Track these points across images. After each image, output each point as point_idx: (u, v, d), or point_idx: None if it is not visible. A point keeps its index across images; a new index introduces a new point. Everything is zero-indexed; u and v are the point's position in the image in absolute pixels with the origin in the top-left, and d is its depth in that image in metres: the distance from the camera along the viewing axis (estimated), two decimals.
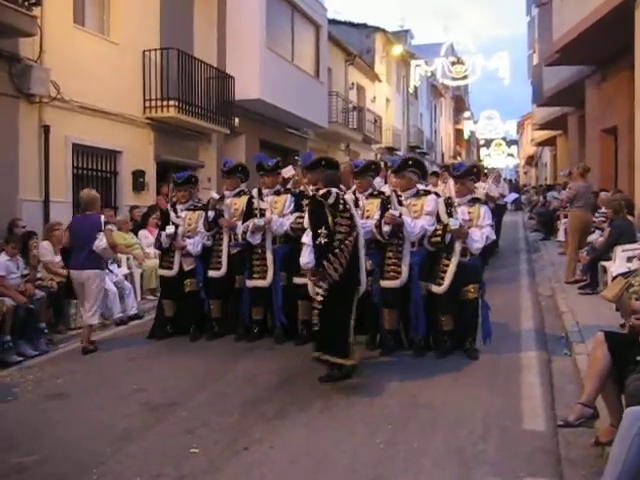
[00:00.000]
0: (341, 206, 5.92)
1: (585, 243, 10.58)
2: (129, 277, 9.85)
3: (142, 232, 10.97)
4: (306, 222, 6.27)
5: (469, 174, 6.96)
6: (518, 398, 5.41)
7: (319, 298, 5.85)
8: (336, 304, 5.82)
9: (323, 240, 5.82)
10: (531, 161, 50.68)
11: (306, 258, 6.13)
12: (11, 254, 7.72)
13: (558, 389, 5.59)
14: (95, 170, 11.99)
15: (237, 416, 5.16)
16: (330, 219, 5.85)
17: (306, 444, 4.59)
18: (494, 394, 5.50)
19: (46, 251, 8.56)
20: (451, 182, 7.83)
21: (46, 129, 10.37)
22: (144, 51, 12.96)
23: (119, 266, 9.74)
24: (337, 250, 5.74)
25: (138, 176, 12.76)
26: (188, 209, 8.08)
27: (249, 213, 7.59)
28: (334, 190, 6.02)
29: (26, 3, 9.04)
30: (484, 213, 6.81)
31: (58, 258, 8.63)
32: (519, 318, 8.46)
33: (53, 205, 10.40)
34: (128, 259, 10.13)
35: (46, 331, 7.75)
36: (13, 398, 5.87)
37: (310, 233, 6.09)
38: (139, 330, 8.46)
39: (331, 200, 5.91)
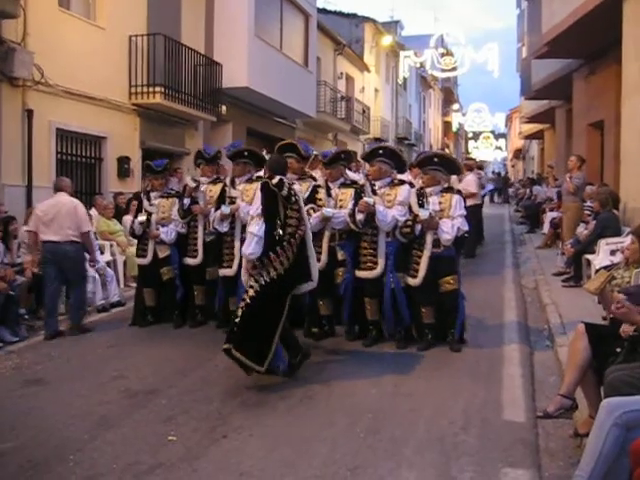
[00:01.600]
0: (293, 198, 5.67)
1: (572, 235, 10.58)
2: (112, 264, 9.77)
3: (126, 218, 10.87)
4: (256, 210, 5.76)
5: (429, 163, 6.74)
6: (499, 389, 5.41)
7: (251, 293, 5.51)
8: (267, 304, 5.54)
9: (279, 232, 5.56)
10: (519, 154, 50.78)
11: (251, 248, 5.61)
12: None
13: (539, 381, 5.60)
14: (79, 156, 11.90)
15: (216, 404, 5.13)
16: (282, 211, 5.61)
17: (286, 433, 4.56)
18: (475, 385, 5.50)
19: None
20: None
21: (29, 113, 10.26)
22: (130, 36, 12.84)
23: (102, 253, 9.67)
24: (285, 243, 5.53)
25: (123, 162, 12.69)
26: (162, 196, 8.00)
27: (221, 201, 7.54)
28: (285, 179, 5.76)
29: None
30: (456, 203, 6.60)
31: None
32: (502, 310, 8.47)
33: (36, 190, 10.29)
34: (111, 246, 10.06)
35: (26, 317, 7.70)
36: None
37: (260, 223, 5.64)
38: (121, 317, 8.41)
39: (284, 192, 5.62)
